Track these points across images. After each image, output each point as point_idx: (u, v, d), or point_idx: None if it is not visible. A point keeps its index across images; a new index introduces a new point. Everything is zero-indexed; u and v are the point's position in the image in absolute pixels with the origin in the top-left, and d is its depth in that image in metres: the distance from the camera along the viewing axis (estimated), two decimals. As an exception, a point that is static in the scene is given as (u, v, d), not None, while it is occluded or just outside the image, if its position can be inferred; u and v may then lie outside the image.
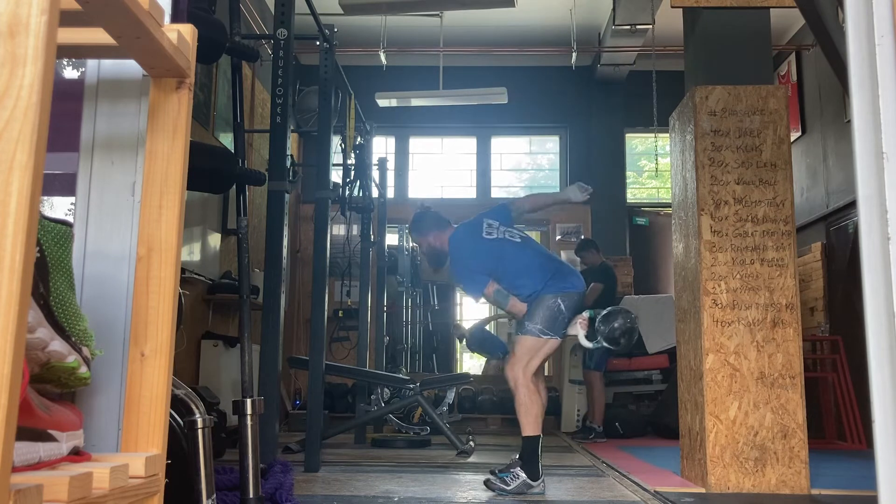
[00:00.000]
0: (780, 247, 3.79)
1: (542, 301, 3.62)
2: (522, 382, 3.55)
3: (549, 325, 3.59)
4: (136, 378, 1.14)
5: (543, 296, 3.63)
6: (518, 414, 3.59)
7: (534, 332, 3.59)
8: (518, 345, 3.66)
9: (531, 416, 3.54)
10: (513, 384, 3.60)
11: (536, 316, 3.60)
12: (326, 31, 4.74)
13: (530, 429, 3.55)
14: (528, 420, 3.55)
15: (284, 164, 3.68)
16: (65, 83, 1.40)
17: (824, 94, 7.13)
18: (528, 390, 3.55)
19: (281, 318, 3.61)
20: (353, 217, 6.46)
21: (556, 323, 3.60)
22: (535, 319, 3.60)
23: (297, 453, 4.70)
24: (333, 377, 6.31)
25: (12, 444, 0.68)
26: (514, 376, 3.58)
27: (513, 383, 3.60)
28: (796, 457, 3.61)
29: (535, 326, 3.59)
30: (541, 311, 3.60)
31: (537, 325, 3.59)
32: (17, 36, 0.72)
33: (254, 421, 2.43)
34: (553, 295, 3.61)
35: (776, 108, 3.92)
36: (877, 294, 1.18)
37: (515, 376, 3.58)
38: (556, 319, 3.60)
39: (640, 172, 9.73)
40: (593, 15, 7.73)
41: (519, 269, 3.71)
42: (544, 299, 3.62)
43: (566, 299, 3.62)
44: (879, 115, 1.18)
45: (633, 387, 7.51)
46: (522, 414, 3.56)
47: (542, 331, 3.58)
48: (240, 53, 2.66)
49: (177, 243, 1.17)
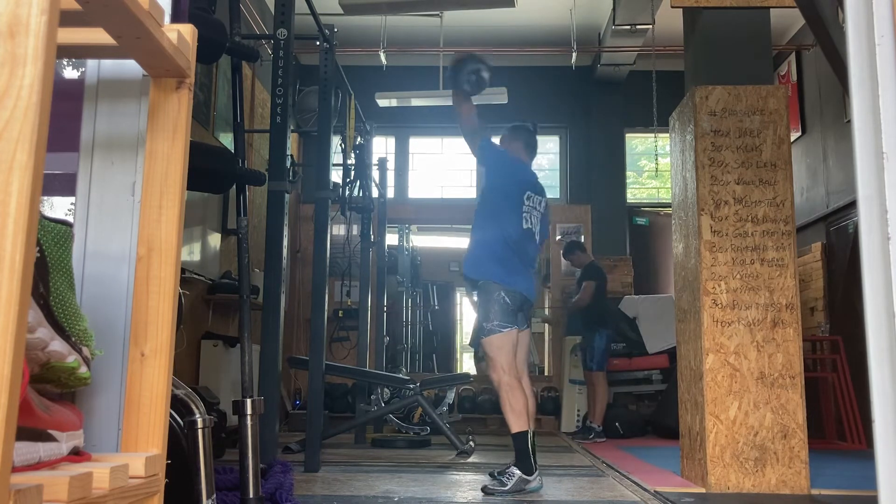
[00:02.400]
0: (780, 247, 3.79)
1: (488, 290, 3.67)
2: (505, 381, 3.60)
3: (503, 317, 3.65)
4: (136, 378, 1.14)
5: (490, 283, 3.68)
6: (503, 412, 3.64)
7: (494, 330, 3.65)
8: (487, 347, 3.71)
9: (515, 413, 3.57)
10: (496, 385, 3.66)
11: (489, 313, 3.66)
12: (326, 31, 4.74)
13: (517, 426, 3.57)
14: (512, 417, 3.59)
15: (284, 164, 3.68)
16: (65, 83, 1.40)
17: (824, 94, 7.13)
18: (511, 388, 3.58)
19: (281, 318, 3.61)
20: (353, 217, 6.46)
21: (508, 314, 3.66)
22: (489, 317, 3.66)
23: (297, 453, 4.70)
24: (333, 377, 6.31)
25: (12, 444, 0.68)
26: (497, 378, 3.64)
27: (496, 384, 3.66)
28: (796, 457, 3.61)
29: (492, 324, 3.65)
30: (491, 306, 3.66)
31: (494, 321, 3.65)
32: (17, 36, 0.72)
33: (254, 421, 2.43)
34: (498, 285, 3.66)
35: (776, 108, 3.92)
36: (877, 294, 1.18)
37: (498, 378, 3.63)
38: (507, 311, 3.66)
39: (640, 172, 9.73)
40: (593, 15, 7.73)
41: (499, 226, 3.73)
42: (491, 289, 3.67)
43: (510, 295, 3.67)
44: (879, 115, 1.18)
45: (633, 387, 7.51)
46: (507, 411, 3.61)
47: (501, 325, 3.64)
48: (240, 53, 2.66)
49: (177, 243, 1.17)
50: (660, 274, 8.52)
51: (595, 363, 6.55)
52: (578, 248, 6.92)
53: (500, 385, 3.61)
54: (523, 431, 3.55)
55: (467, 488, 3.66)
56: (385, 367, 7.27)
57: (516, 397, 3.58)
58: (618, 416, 6.96)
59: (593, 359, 6.55)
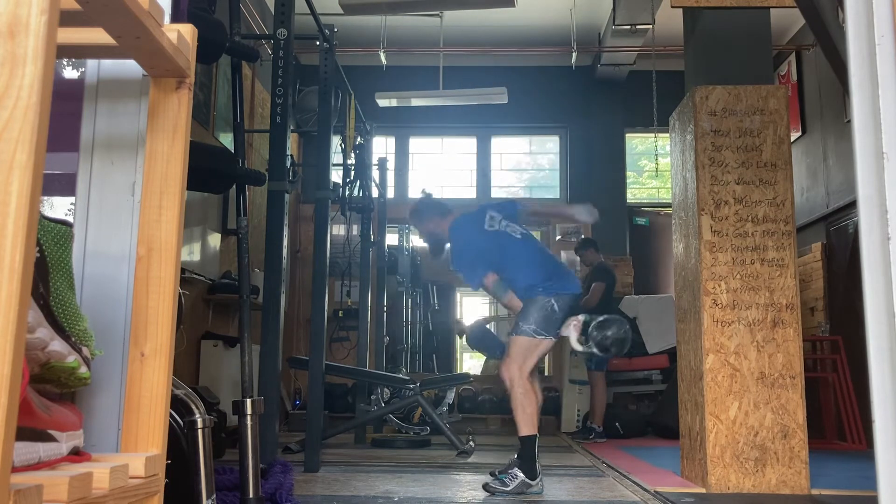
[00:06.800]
0: (780, 247, 3.79)
1: (536, 301, 3.63)
2: (518, 382, 3.57)
3: (543, 325, 3.60)
4: (136, 378, 1.14)
5: (538, 296, 3.63)
6: (514, 413, 3.60)
7: (528, 332, 3.60)
8: (513, 345, 3.66)
9: (527, 416, 3.56)
10: (508, 384, 3.61)
11: (531, 316, 3.61)
12: (326, 31, 4.74)
13: (526, 428, 3.56)
14: (524, 420, 3.56)
15: (284, 164, 3.68)
16: (65, 83, 1.40)
17: (824, 94, 7.12)
18: (525, 390, 3.56)
19: (281, 318, 3.61)
20: (353, 217, 6.46)
21: (550, 323, 3.61)
22: (529, 319, 3.61)
23: (297, 453, 4.70)
24: (333, 377, 6.30)
25: (12, 444, 0.68)
26: (510, 376, 3.59)
27: (508, 383, 3.61)
28: (796, 457, 3.61)
29: (529, 326, 3.60)
30: (535, 310, 3.61)
31: (531, 325, 3.60)
32: (17, 36, 0.71)
33: (254, 421, 2.43)
34: (547, 296, 3.62)
35: (776, 108, 3.92)
36: (877, 294, 1.18)
37: (511, 376, 3.59)
38: (550, 319, 3.61)
39: (640, 172, 9.73)
40: (593, 15, 7.73)
41: (517, 264, 3.72)
42: (538, 299, 3.63)
43: (560, 300, 3.64)
44: (879, 115, 1.18)
45: (633, 387, 7.51)
46: (519, 413, 3.57)
47: (536, 331, 3.59)
48: (240, 53, 2.66)
49: (177, 243, 1.17)
50: (660, 274, 8.52)
51: (594, 363, 6.56)
52: (592, 246, 6.90)
53: (514, 386, 3.58)
54: (532, 435, 3.54)
55: (467, 488, 3.66)
56: (385, 367, 7.27)
57: (530, 400, 3.56)
58: (618, 416, 6.96)
59: (592, 359, 6.55)
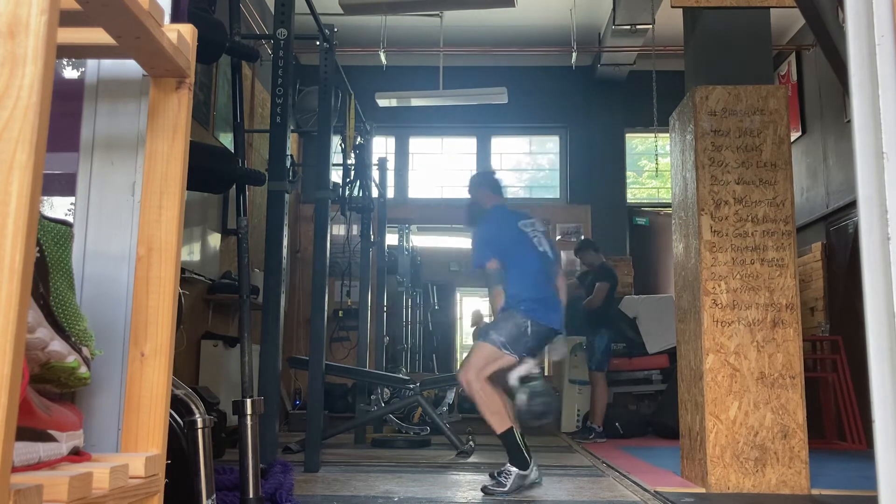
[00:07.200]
0: (780, 247, 3.79)
1: (515, 316, 3.62)
2: (476, 386, 3.56)
3: (512, 342, 3.59)
4: (136, 378, 1.14)
5: (518, 312, 3.62)
6: (483, 416, 3.60)
7: (496, 343, 3.60)
8: (476, 350, 3.68)
9: (496, 414, 3.56)
10: (466, 388, 3.62)
11: (503, 329, 3.61)
12: (326, 31, 4.74)
13: (500, 426, 3.57)
14: (494, 419, 3.57)
15: (284, 164, 3.68)
16: (65, 83, 1.40)
17: (824, 94, 7.12)
18: (484, 391, 3.56)
19: (281, 318, 3.61)
20: (353, 217, 6.46)
21: (519, 343, 3.60)
22: (501, 332, 3.60)
23: (297, 453, 4.70)
24: (333, 377, 6.31)
25: (12, 444, 0.68)
26: (467, 380, 3.59)
27: (466, 387, 3.62)
28: (796, 457, 3.61)
29: (498, 338, 3.59)
30: (509, 325, 3.60)
31: (501, 337, 3.59)
32: (17, 36, 0.71)
33: (254, 421, 2.43)
34: (526, 316, 3.61)
35: (776, 108, 3.92)
36: (877, 294, 1.18)
37: (468, 380, 3.59)
38: (519, 341, 3.60)
39: (640, 172, 9.73)
40: (593, 15, 7.73)
41: (520, 271, 3.71)
42: (517, 315, 3.61)
43: (535, 327, 3.61)
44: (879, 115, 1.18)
45: (633, 387, 7.51)
46: (487, 415, 3.58)
47: (504, 345, 3.59)
48: (240, 53, 2.66)
49: (177, 243, 1.17)
50: (660, 274, 8.52)
51: (595, 363, 6.55)
52: (592, 248, 6.85)
53: (472, 389, 3.57)
54: (508, 429, 3.55)
55: (467, 488, 3.66)
56: (385, 367, 7.27)
57: (492, 399, 3.56)
58: (618, 416, 6.96)
59: (593, 359, 6.55)
